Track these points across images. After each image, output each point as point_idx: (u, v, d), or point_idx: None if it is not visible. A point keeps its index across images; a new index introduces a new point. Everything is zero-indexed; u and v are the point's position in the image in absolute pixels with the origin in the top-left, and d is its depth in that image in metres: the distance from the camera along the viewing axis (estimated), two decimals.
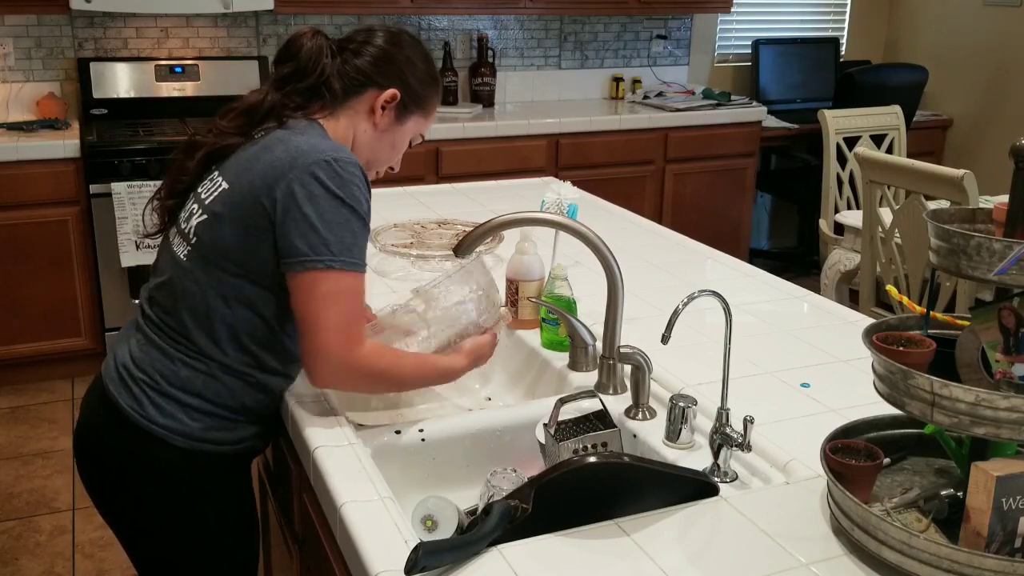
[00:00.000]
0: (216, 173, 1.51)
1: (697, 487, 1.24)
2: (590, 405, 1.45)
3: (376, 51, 1.57)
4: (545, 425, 1.42)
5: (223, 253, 1.45)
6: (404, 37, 1.62)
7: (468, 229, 2.32)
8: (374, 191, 1.51)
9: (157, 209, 1.61)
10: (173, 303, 1.50)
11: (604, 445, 1.41)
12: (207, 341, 1.48)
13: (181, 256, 1.50)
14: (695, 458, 1.38)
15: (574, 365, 1.68)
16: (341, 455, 1.35)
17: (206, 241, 1.47)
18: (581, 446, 1.40)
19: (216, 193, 1.48)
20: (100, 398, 1.54)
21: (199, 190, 1.53)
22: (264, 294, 1.46)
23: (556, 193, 1.97)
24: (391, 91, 1.56)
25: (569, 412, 1.44)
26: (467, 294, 1.60)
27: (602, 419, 1.44)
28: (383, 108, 1.56)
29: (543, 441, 1.43)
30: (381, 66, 1.56)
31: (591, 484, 1.19)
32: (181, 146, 1.60)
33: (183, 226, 1.52)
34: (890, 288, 1.59)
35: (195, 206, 1.51)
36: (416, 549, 1.05)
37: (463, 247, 1.64)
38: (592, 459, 1.20)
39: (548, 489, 1.16)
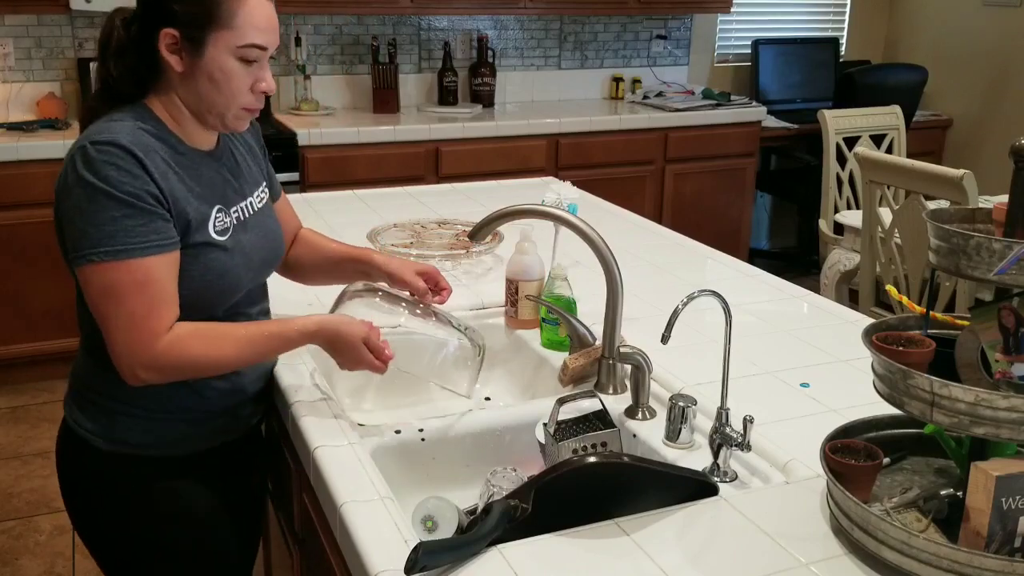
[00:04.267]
0: None
1: (697, 487, 1.24)
2: (590, 405, 1.45)
3: (141, 3, 1.39)
4: (545, 425, 1.42)
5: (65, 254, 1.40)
6: None
7: (468, 229, 2.32)
8: (372, 190, 1.47)
9: None
10: (77, 306, 1.48)
11: (603, 445, 1.41)
12: (88, 336, 1.47)
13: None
14: (695, 458, 1.38)
15: None
16: (341, 455, 1.35)
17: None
18: (581, 446, 1.40)
19: None
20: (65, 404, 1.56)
21: None
22: None
23: (556, 193, 1.97)
24: (164, 32, 1.35)
25: (569, 412, 1.44)
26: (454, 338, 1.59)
27: (602, 419, 1.44)
28: (174, 54, 1.37)
29: (543, 441, 1.43)
30: (148, 11, 1.37)
31: (591, 484, 1.20)
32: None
33: None
34: (890, 288, 1.59)
35: None
36: (416, 549, 1.05)
37: (477, 233, 1.67)
38: (592, 459, 1.20)
39: (548, 489, 1.16)
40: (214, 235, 1.43)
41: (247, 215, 1.52)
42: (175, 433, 1.49)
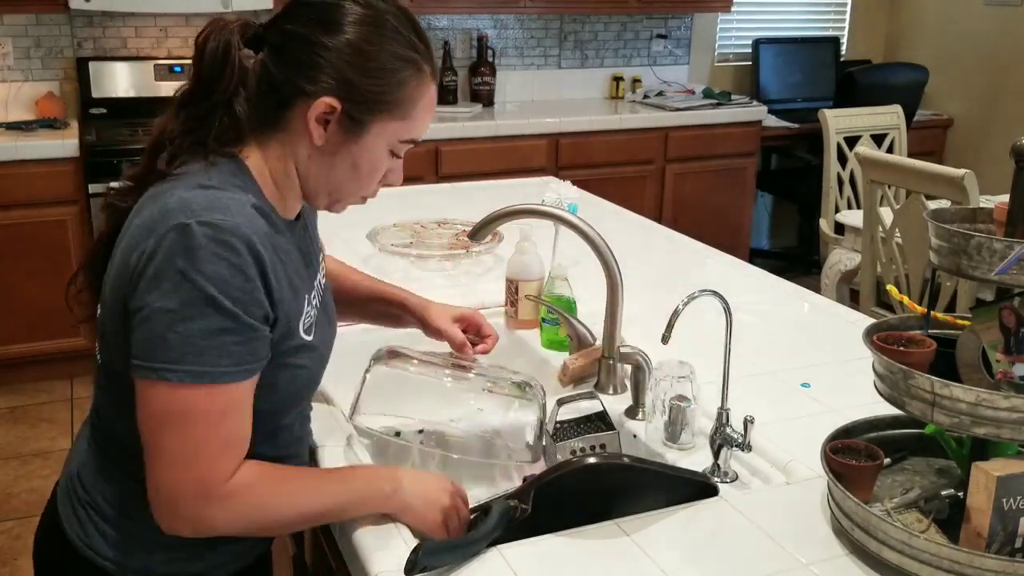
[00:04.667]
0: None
1: (697, 488, 1.24)
2: (589, 406, 1.45)
3: (309, 46, 1.10)
4: (543, 422, 1.42)
5: (112, 349, 1.11)
6: (359, 13, 1.12)
7: (468, 229, 2.32)
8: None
9: (73, 300, 1.22)
10: (102, 406, 1.19)
11: (603, 446, 1.40)
12: (120, 445, 1.15)
13: (96, 352, 1.18)
14: (695, 458, 1.37)
15: None
16: (341, 455, 1.35)
17: (102, 333, 1.14)
18: (580, 447, 1.40)
19: (111, 271, 1.12)
20: (51, 512, 1.24)
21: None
22: None
23: (556, 193, 1.96)
24: (324, 101, 1.10)
25: (569, 412, 1.44)
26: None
27: (602, 420, 1.44)
28: (321, 125, 1.12)
29: (530, 442, 1.43)
30: (302, 65, 1.10)
31: (591, 484, 1.19)
32: (104, 211, 1.22)
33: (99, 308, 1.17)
34: (890, 288, 1.59)
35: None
36: (416, 549, 1.05)
37: (477, 233, 1.62)
38: (592, 460, 1.19)
39: (548, 489, 1.16)
40: (303, 335, 1.17)
41: (320, 296, 1.26)
42: (221, 555, 1.22)
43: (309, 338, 1.18)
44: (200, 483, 1.04)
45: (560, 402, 1.42)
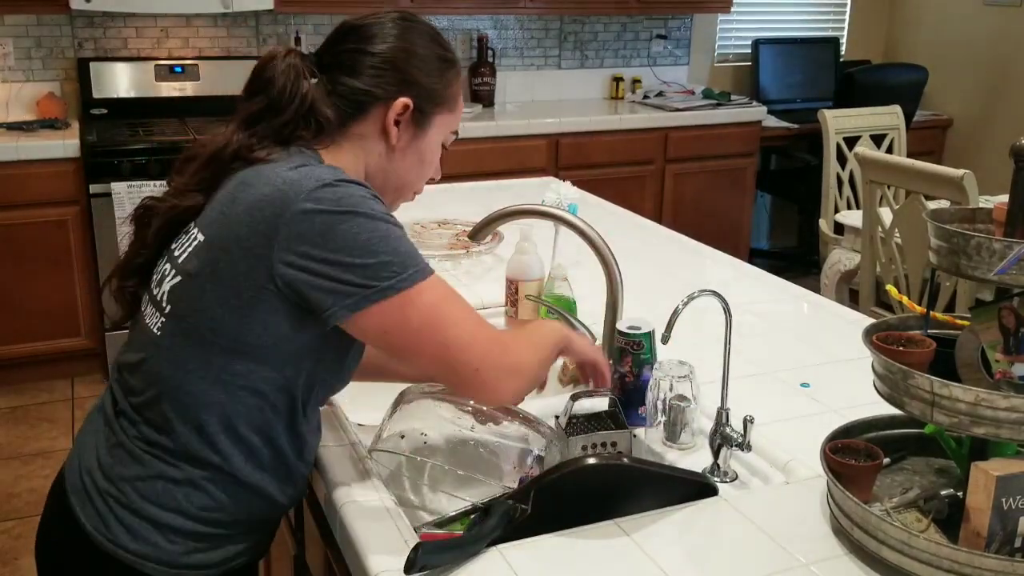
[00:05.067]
0: (191, 226, 1.23)
1: (696, 488, 1.24)
2: (602, 403, 1.45)
3: (370, 58, 1.26)
4: (557, 419, 1.42)
5: (204, 323, 1.16)
6: (398, 25, 1.30)
7: (468, 229, 2.31)
8: None
9: (115, 293, 1.30)
10: (147, 391, 1.20)
11: (614, 444, 1.41)
12: (191, 439, 1.17)
13: (154, 330, 1.20)
14: (695, 458, 1.38)
15: None
16: (341, 455, 1.35)
17: (182, 309, 1.18)
18: (591, 443, 1.40)
19: (191, 248, 1.19)
20: (60, 508, 1.24)
21: (173, 247, 1.24)
22: (263, 371, 1.16)
23: (556, 193, 1.97)
24: (401, 101, 1.26)
25: (582, 408, 1.44)
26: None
27: (614, 418, 1.44)
28: (396, 124, 1.27)
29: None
30: (381, 75, 1.25)
31: (591, 485, 1.19)
32: (134, 213, 1.30)
33: (155, 292, 1.23)
34: (890, 288, 1.59)
35: (168, 267, 1.22)
36: (416, 548, 1.05)
37: (477, 233, 1.65)
38: (592, 460, 1.20)
39: (548, 489, 1.16)
40: None
41: None
42: (238, 546, 1.25)
43: None
44: (495, 343, 1.19)
45: (574, 397, 1.42)
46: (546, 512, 1.16)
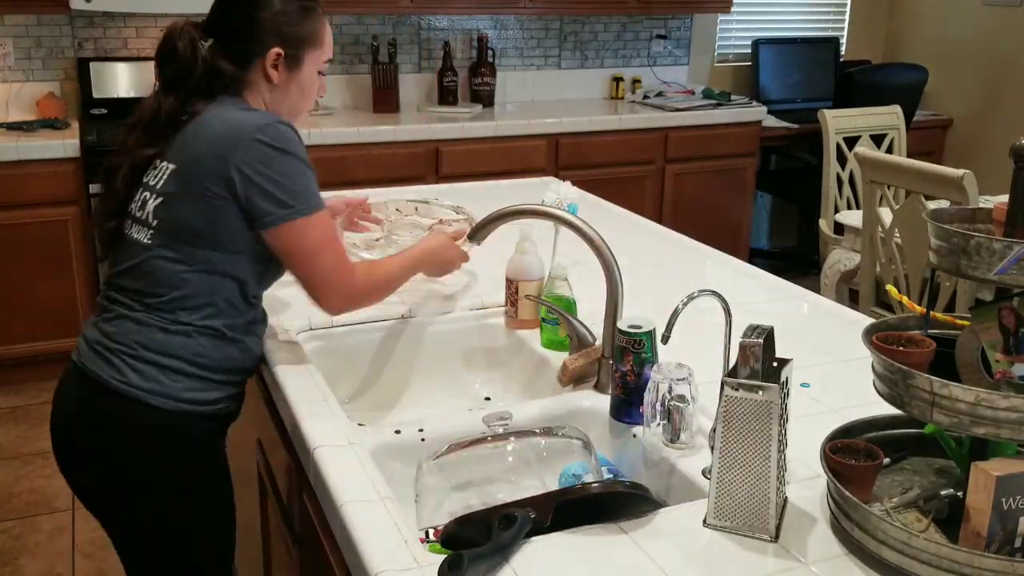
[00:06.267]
0: (158, 161, 1.58)
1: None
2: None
3: (237, 21, 1.60)
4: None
5: (187, 228, 1.52)
6: None
7: (450, 215, 2.29)
8: (374, 191, 1.50)
9: (99, 236, 1.66)
10: (143, 282, 1.55)
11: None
12: (182, 309, 1.53)
13: (144, 240, 1.56)
14: (695, 458, 1.38)
15: None
16: (341, 455, 1.35)
17: (166, 220, 1.54)
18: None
19: (165, 176, 1.55)
20: (78, 380, 1.58)
21: (146, 180, 1.59)
22: (232, 257, 1.54)
23: (556, 193, 1.97)
24: (273, 51, 1.60)
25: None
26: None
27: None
28: (275, 68, 1.61)
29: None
30: (250, 34, 1.60)
31: (608, 506, 1.19)
32: (101, 174, 1.66)
33: (138, 215, 1.58)
34: (890, 288, 1.59)
35: (147, 195, 1.57)
36: (460, 555, 1.05)
37: (477, 233, 1.71)
38: (620, 488, 1.19)
39: (568, 506, 1.16)
40: None
41: None
42: (223, 391, 1.60)
43: None
44: (345, 275, 1.59)
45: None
46: (558, 523, 1.16)
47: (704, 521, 1.19)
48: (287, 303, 1.88)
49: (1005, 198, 1.07)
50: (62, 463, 1.63)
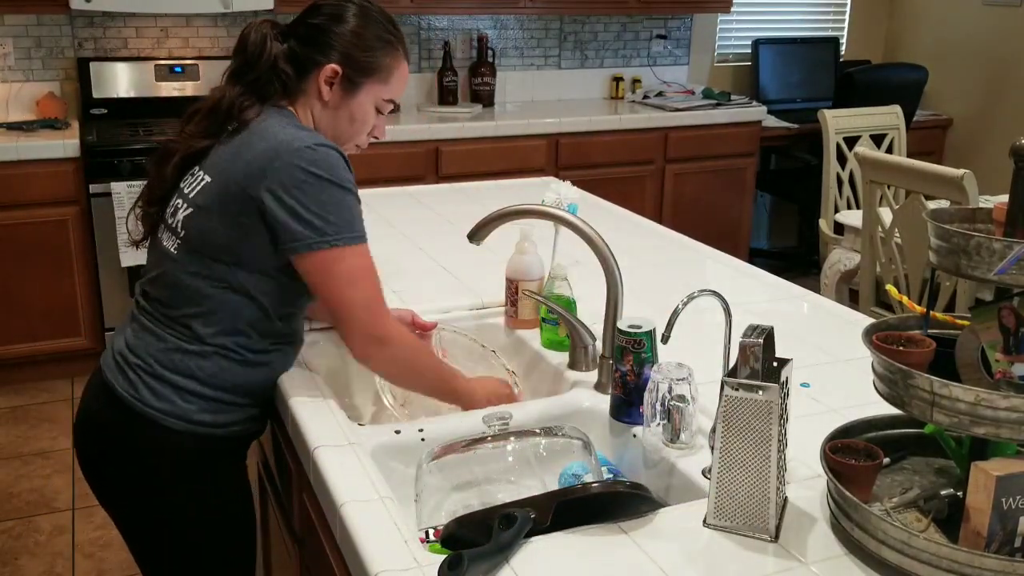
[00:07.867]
0: (197, 169, 1.55)
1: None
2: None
3: (312, 29, 1.57)
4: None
5: (212, 243, 1.50)
6: (349, 8, 1.59)
7: (504, 371, 2.12)
8: (374, 191, 1.50)
9: (140, 217, 1.64)
10: (167, 294, 1.54)
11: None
12: (201, 326, 1.51)
13: (171, 250, 1.54)
14: (695, 458, 1.38)
15: (574, 364, 1.68)
16: (341, 455, 1.35)
17: (194, 233, 1.51)
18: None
19: (199, 187, 1.53)
20: (99, 385, 1.58)
21: (182, 186, 1.57)
22: (256, 279, 1.51)
23: (556, 193, 1.96)
24: (330, 67, 1.55)
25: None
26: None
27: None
28: (328, 85, 1.56)
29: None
30: (317, 43, 1.56)
31: (608, 506, 1.19)
32: (154, 156, 1.63)
33: (170, 221, 1.56)
34: (890, 288, 1.59)
35: (180, 201, 1.55)
36: (460, 555, 1.05)
37: (477, 233, 1.68)
38: (620, 488, 1.19)
39: (567, 506, 1.16)
40: None
41: None
42: (241, 414, 1.58)
43: None
44: (379, 315, 1.51)
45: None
46: (557, 523, 1.16)
47: (704, 521, 1.19)
48: None
49: (1005, 198, 1.07)
50: (81, 459, 1.64)
